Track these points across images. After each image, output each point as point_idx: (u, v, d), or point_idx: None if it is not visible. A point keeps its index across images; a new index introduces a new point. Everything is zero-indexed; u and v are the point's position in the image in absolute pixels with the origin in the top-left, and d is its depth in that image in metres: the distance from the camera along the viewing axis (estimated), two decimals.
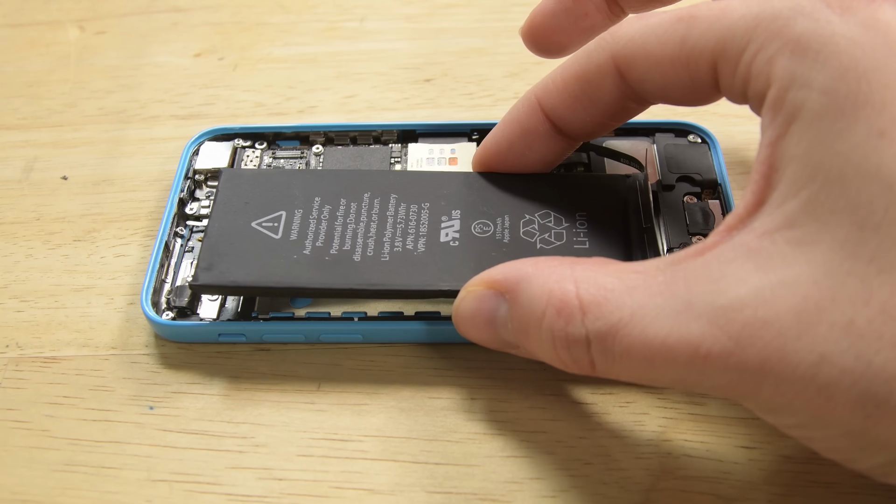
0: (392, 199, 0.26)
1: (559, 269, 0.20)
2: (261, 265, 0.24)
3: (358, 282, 0.24)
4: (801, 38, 0.18)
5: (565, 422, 0.23)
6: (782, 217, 0.18)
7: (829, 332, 0.16)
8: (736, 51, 0.19)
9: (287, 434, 0.23)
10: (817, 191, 0.17)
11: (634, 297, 0.18)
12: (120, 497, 0.22)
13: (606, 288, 0.19)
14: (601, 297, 0.19)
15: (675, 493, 0.22)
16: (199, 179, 0.29)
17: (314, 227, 0.25)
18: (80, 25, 0.38)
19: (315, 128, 0.30)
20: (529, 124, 0.25)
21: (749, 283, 0.17)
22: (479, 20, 0.37)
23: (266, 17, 0.38)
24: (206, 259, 0.24)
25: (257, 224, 0.25)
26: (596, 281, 0.19)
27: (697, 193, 0.27)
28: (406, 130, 0.30)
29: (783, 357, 0.16)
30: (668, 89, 0.22)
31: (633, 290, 0.19)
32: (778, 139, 0.18)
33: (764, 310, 0.17)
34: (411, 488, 0.22)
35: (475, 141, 0.30)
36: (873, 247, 0.16)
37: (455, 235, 0.25)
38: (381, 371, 0.25)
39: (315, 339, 0.25)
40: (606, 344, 0.19)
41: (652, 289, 0.18)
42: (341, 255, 0.24)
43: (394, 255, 0.24)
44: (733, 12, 0.19)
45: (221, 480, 0.22)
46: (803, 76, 0.18)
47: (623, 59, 0.22)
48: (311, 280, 0.24)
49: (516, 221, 0.25)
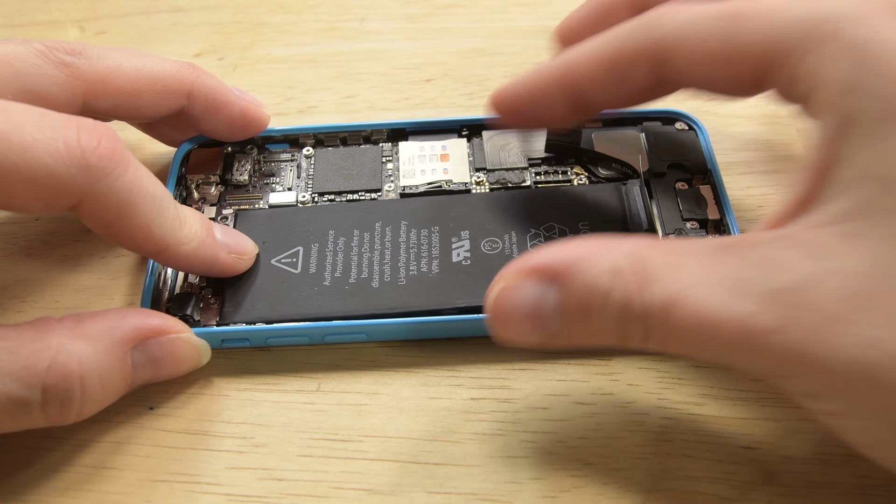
0: (403, 225, 0.27)
1: (619, 246, 0.20)
2: (284, 299, 0.25)
3: (379, 306, 0.25)
4: (855, 43, 0.18)
5: (566, 422, 0.23)
6: (835, 212, 0.18)
7: (876, 319, 0.16)
8: (784, 53, 0.19)
9: (287, 434, 0.23)
10: (872, 191, 0.17)
11: (690, 273, 0.19)
12: (120, 497, 0.22)
13: (666, 262, 0.19)
14: (662, 269, 0.19)
15: (675, 494, 0.22)
16: (190, 186, 0.29)
17: (332, 259, 0.26)
18: (80, 25, 0.38)
19: (304, 130, 0.30)
20: (550, 91, 0.25)
21: (799, 269, 0.17)
22: (479, 20, 0.37)
23: (266, 17, 0.38)
24: (231, 299, 0.25)
25: (277, 261, 0.26)
26: (655, 255, 0.19)
27: (688, 179, 0.28)
28: (396, 129, 0.30)
29: (829, 339, 0.17)
30: (707, 83, 0.22)
31: (686, 267, 0.19)
32: (833, 141, 0.19)
33: (813, 294, 0.17)
34: (411, 488, 0.22)
35: (465, 137, 0.30)
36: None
37: (466, 255, 0.26)
38: (382, 371, 0.25)
39: (319, 340, 0.25)
40: (663, 316, 0.19)
41: (705, 267, 0.19)
42: (360, 282, 0.25)
43: (410, 279, 0.25)
44: (782, 13, 0.19)
45: (221, 480, 0.22)
46: (860, 81, 0.18)
47: (662, 49, 0.22)
48: (334, 309, 0.25)
49: (523, 236, 0.26)
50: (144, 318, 0.23)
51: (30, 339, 0.21)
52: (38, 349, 0.21)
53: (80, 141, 0.21)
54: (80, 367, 0.21)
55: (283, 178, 0.29)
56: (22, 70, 0.24)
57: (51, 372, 0.20)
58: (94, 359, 0.21)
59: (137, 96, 0.26)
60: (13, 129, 0.20)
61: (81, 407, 0.21)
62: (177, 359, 0.23)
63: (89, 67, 0.25)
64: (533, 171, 0.29)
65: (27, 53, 0.24)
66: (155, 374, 0.23)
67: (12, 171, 0.20)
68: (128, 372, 0.22)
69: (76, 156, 0.21)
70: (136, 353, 0.22)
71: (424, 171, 0.29)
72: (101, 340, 0.22)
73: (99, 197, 0.21)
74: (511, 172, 0.29)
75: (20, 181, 0.20)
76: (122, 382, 0.22)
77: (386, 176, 0.29)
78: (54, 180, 0.21)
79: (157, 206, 0.23)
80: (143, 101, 0.26)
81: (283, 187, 0.29)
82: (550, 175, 0.28)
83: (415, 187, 0.28)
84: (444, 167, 0.29)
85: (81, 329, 0.22)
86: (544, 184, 0.28)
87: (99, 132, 0.21)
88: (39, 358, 0.20)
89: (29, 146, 0.20)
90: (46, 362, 0.20)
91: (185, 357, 0.24)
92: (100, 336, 0.22)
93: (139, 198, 0.22)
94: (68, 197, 0.21)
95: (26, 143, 0.20)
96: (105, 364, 0.21)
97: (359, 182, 0.29)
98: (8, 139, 0.20)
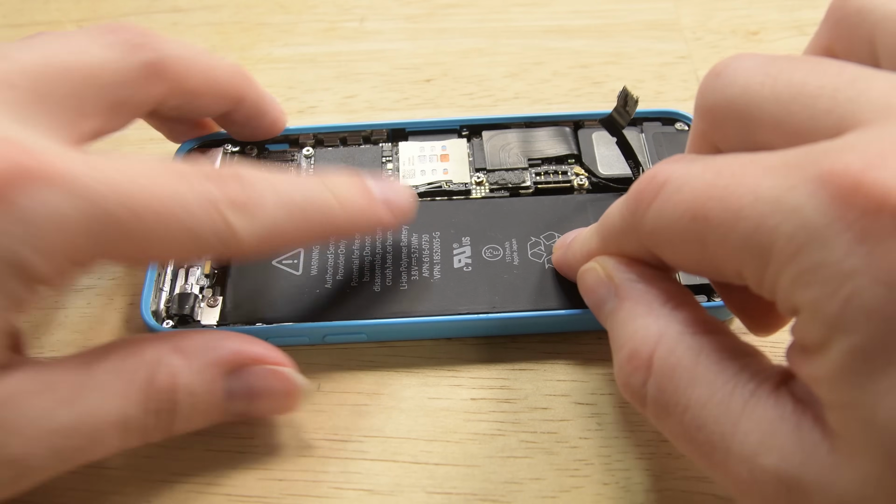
0: (404, 229, 0.27)
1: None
2: (286, 301, 0.25)
3: (381, 311, 0.25)
4: (817, 270, 0.15)
5: (566, 422, 0.23)
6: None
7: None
8: (756, 267, 0.16)
9: (287, 434, 0.23)
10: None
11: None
12: (120, 497, 0.22)
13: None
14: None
15: (675, 494, 0.22)
16: None
17: (333, 263, 0.26)
18: (80, 26, 0.38)
19: (304, 130, 0.30)
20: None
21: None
22: (479, 20, 0.37)
23: (266, 17, 0.38)
24: (232, 299, 0.25)
25: (278, 263, 0.26)
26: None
27: None
28: (396, 129, 0.30)
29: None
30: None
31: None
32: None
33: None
34: (411, 488, 0.22)
35: (465, 137, 0.30)
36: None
37: (468, 261, 0.26)
38: (382, 371, 0.25)
39: (319, 340, 0.25)
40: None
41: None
42: (361, 286, 0.25)
43: (412, 284, 0.25)
44: (744, 221, 0.16)
45: (221, 480, 0.22)
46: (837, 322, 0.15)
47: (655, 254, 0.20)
48: (336, 312, 0.25)
49: (523, 244, 0.26)
50: (246, 343, 0.22)
51: (126, 355, 0.20)
52: (138, 364, 0.20)
53: (216, 199, 0.20)
54: (174, 380, 0.20)
55: None
56: (110, 80, 0.23)
57: (152, 385, 0.20)
58: (187, 374, 0.20)
59: (201, 97, 0.26)
60: (160, 198, 0.19)
61: (171, 423, 0.20)
62: (275, 394, 0.22)
63: (167, 67, 0.24)
64: (533, 172, 0.29)
65: (111, 59, 0.23)
66: (249, 407, 0.22)
67: (163, 245, 0.19)
68: (219, 396, 0.21)
69: (221, 229, 0.20)
70: (232, 380, 0.21)
71: (424, 172, 0.29)
72: (197, 358, 0.21)
73: (251, 245, 0.20)
74: (511, 172, 0.29)
75: (174, 247, 0.20)
76: (213, 406, 0.21)
77: (386, 176, 0.29)
78: (201, 243, 0.20)
79: (307, 216, 0.21)
80: (203, 101, 0.26)
81: None
82: (550, 175, 0.28)
83: (415, 187, 0.28)
84: (444, 167, 0.29)
85: (178, 343, 0.21)
86: (544, 184, 0.28)
87: (228, 180, 0.20)
88: (142, 373, 0.20)
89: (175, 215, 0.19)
90: (146, 375, 0.20)
91: (283, 394, 0.22)
92: (195, 353, 0.21)
93: (285, 222, 0.21)
94: (220, 255, 0.21)
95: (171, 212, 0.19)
96: (196, 381, 0.20)
97: None
98: (157, 209, 0.19)
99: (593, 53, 0.35)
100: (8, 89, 0.21)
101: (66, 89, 0.22)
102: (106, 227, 0.18)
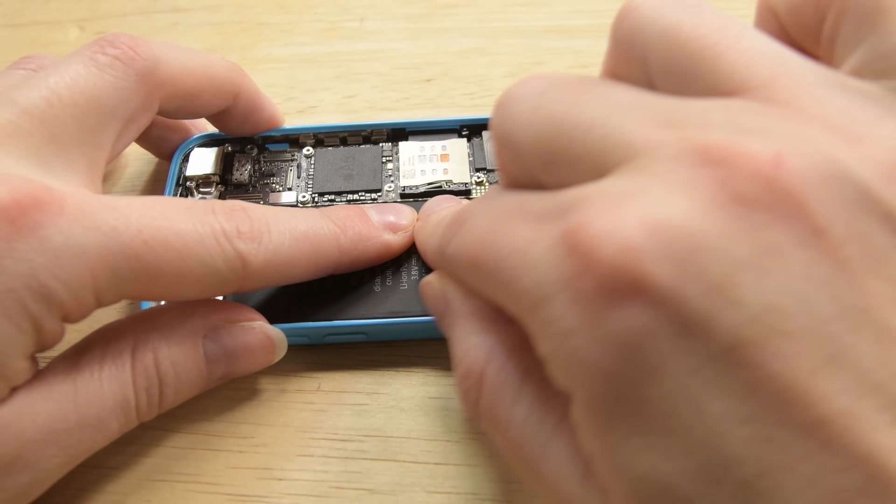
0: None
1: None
2: (289, 302, 0.25)
3: (381, 310, 0.25)
4: (547, 327, 0.15)
5: None
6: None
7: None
8: (517, 315, 0.17)
9: (287, 434, 0.23)
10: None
11: None
12: (120, 497, 0.22)
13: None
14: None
15: None
16: (190, 186, 0.29)
17: None
18: (80, 25, 0.38)
19: (304, 130, 0.30)
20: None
21: None
22: (479, 20, 0.37)
23: (266, 17, 0.38)
24: (233, 300, 0.25)
25: None
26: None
27: None
28: (396, 129, 0.30)
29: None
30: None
31: None
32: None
33: None
34: (411, 488, 0.22)
35: (465, 137, 0.30)
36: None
37: None
38: (382, 371, 0.25)
39: (319, 340, 0.25)
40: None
41: None
42: (361, 286, 0.25)
43: (412, 284, 0.25)
44: (501, 273, 0.17)
45: (221, 480, 0.22)
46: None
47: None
48: (337, 313, 0.25)
49: None
50: (214, 307, 0.23)
51: (107, 342, 0.21)
52: (122, 348, 0.21)
53: (224, 230, 0.21)
54: (156, 354, 0.21)
55: (283, 178, 0.29)
56: (114, 103, 0.23)
57: (137, 365, 0.21)
58: (166, 347, 0.21)
59: (199, 96, 0.26)
60: (173, 240, 0.20)
61: (162, 398, 0.21)
62: (251, 349, 0.23)
63: (163, 73, 0.24)
64: None
65: (109, 82, 0.23)
66: (230, 367, 0.23)
67: (178, 278, 0.20)
68: (200, 362, 0.22)
69: (231, 257, 0.21)
70: (208, 343, 0.22)
71: (424, 172, 0.29)
72: (172, 329, 0.22)
73: (260, 270, 0.21)
74: None
75: (188, 286, 0.21)
76: (196, 373, 0.22)
77: (386, 176, 0.29)
78: (213, 274, 0.21)
79: (311, 242, 0.23)
80: (202, 100, 0.26)
81: (283, 187, 0.29)
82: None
83: (415, 187, 0.28)
84: (444, 167, 0.29)
85: (152, 321, 0.22)
86: None
87: (235, 213, 0.21)
88: (125, 355, 0.21)
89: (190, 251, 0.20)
90: (129, 357, 0.21)
91: (259, 348, 0.23)
92: (169, 326, 0.22)
93: (290, 249, 0.22)
94: (231, 287, 0.21)
95: (187, 248, 0.20)
96: (175, 352, 0.21)
97: (359, 182, 0.29)
98: (169, 253, 0.20)
99: (593, 53, 0.35)
100: (17, 137, 0.21)
101: (74, 125, 0.22)
102: (123, 260, 0.19)
